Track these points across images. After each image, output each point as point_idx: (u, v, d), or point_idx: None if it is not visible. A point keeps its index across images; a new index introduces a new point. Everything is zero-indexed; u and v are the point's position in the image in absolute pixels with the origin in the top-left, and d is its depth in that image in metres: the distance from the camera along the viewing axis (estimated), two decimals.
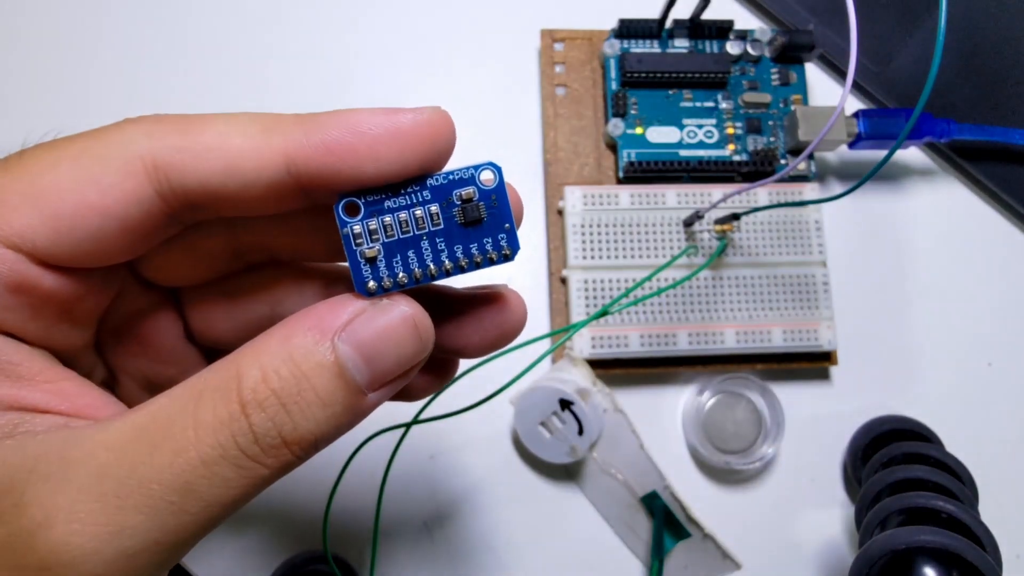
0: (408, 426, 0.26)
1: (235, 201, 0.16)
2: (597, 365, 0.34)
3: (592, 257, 0.34)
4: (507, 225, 0.17)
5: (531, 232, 0.36)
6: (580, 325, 0.30)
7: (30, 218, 0.15)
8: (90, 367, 0.19)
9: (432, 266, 0.17)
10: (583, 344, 0.33)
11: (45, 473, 0.14)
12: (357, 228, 0.16)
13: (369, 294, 0.16)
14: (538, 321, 0.35)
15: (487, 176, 0.17)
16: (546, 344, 0.35)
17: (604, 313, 0.32)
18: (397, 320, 0.16)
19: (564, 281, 0.34)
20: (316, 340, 0.15)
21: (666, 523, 0.33)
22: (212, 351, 0.21)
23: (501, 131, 0.37)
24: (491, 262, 0.17)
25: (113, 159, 0.15)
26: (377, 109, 0.16)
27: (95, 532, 0.13)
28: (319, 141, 0.15)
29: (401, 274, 0.16)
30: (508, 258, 0.17)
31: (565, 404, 0.32)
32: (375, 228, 0.16)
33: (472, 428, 0.34)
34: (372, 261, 0.16)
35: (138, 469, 0.14)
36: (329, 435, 0.15)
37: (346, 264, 0.17)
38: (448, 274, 0.17)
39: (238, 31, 0.38)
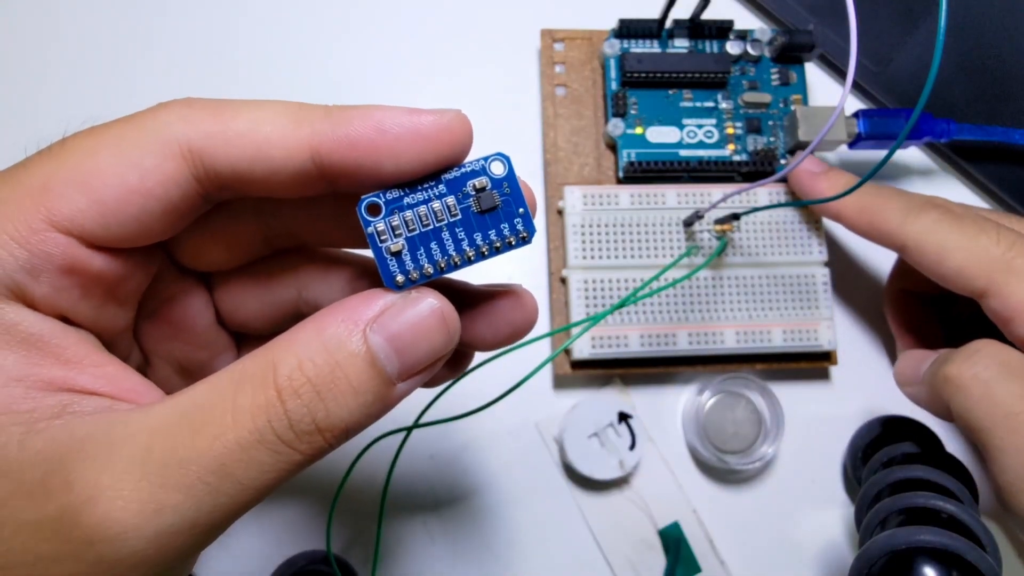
0: (409, 430, 0.26)
1: (262, 184, 0.17)
2: (597, 365, 0.34)
3: (592, 257, 0.34)
4: (521, 209, 0.18)
5: None
6: (581, 323, 0.30)
7: (78, 203, 0.15)
8: (127, 350, 0.20)
9: (455, 254, 0.17)
10: (583, 344, 0.33)
11: (92, 453, 0.14)
12: (380, 226, 0.17)
13: (398, 287, 0.17)
14: (538, 321, 0.35)
15: (497, 167, 0.18)
16: (546, 347, 0.35)
17: (600, 318, 0.32)
18: (426, 312, 0.16)
19: (564, 281, 0.34)
20: (349, 331, 0.16)
21: (680, 559, 0.32)
22: (241, 336, 0.22)
23: (501, 131, 0.37)
24: (510, 246, 0.18)
25: (151, 143, 0.16)
26: (401, 108, 0.16)
27: (137, 509, 0.14)
28: (343, 135, 0.16)
29: (427, 265, 0.17)
30: (526, 240, 0.18)
31: (623, 417, 0.32)
32: (397, 224, 0.17)
33: (472, 429, 0.34)
34: (398, 255, 0.17)
35: (179, 451, 0.14)
36: (360, 423, 0.16)
37: (369, 252, 0.17)
38: (471, 261, 0.17)
39: (250, 30, 0.38)
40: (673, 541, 0.33)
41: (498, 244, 0.18)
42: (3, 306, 0.15)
